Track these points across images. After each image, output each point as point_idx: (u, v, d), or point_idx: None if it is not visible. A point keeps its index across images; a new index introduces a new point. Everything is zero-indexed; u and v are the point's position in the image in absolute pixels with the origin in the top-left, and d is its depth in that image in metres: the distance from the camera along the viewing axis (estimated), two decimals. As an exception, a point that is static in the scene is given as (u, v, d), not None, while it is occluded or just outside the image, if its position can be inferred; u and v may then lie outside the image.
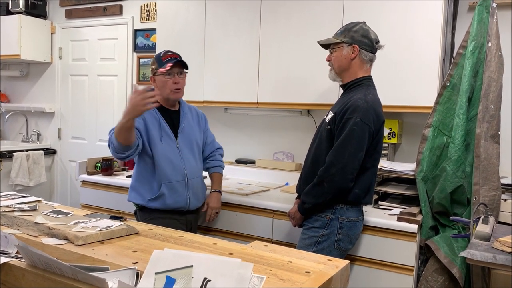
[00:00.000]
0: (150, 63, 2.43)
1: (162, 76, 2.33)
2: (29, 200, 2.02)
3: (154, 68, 2.36)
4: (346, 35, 2.11)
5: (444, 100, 2.43)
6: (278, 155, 3.41)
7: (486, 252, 1.66)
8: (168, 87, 2.33)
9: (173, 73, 2.33)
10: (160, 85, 2.35)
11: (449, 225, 2.41)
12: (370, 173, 2.12)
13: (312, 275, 1.25)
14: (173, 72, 2.33)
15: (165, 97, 2.37)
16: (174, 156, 2.36)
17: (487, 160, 2.28)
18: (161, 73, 2.32)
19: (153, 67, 2.37)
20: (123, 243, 1.51)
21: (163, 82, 2.33)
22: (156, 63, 2.35)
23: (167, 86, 2.33)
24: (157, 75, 2.35)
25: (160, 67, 2.32)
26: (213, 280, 1.09)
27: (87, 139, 4.53)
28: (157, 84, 2.36)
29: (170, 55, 2.35)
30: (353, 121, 1.99)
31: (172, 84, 2.34)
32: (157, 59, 2.36)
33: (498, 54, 2.32)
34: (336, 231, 2.08)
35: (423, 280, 2.35)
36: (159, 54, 2.38)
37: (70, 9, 4.52)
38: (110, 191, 3.15)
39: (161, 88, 2.34)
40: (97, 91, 4.42)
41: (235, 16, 3.10)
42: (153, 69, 2.37)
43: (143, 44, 4.10)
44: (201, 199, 2.53)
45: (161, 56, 2.35)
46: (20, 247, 1.25)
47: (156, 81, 2.37)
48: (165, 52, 2.38)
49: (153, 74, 2.37)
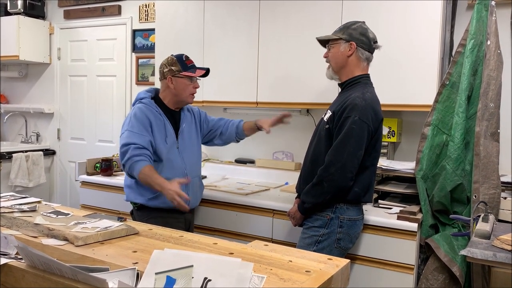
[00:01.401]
0: (167, 63, 2.38)
1: (186, 79, 2.36)
2: (29, 201, 2.01)
3: (175, 69, 2.36)
4: (344, 32, 2.12)
5: (443, 98, 2.43)
6: (277, 155, 3.40)
7: (486, 250, 1.66)
8: (188, 91, 2.39)
9: (195, 78, 2.39)
10: (179, 87, 2.37)
11: (449, 223, 2.41)
12: (370, 172, 2.12)
13: (313, 274, 1.24)
14: (195, 78, 2.40)
15: (182, 99, 2.41)
16: (175, 156, 2.37)
17: (486, 158, 2.28)
18: (185, 76, 2.35)
19: (174, 68, 2.36)
20: (123, 243, 1.51)
21: (185, 85, 2.37)
22: (179, 65, 2.36)
23: (187, 89, 2.38)
24: (177, 77, 2.36)
25: (184, 70, 2.35)
26: (213, 280, 1.09)
27: (86, 140, 4.52)
28: (175, 85, 2.37)
29: (192, 61, 2.42)
30: (351, 119, 1.99)
31: (192, 88, 2.40)
32: (180, 61, 2.37)
33: (497, 52, 2.32)
34: (336, 230, 2.08)
35: (423, 279, 2.35)
36: (180, 57, 2.39)
37: (69, 10, 4.52)
38: (109, 192, 3.15)
39: (180, 90, 2.38)
40: (96, 91, 4.42)
41: (234, 16, 3.10)
42: (172, 70, 2.36)
43: (142, 44, 4.09)
44: (199, 198, 2.56)
45: (184, 60, 2.38)
46: (20, 248, 1.25)
47: (174, 82, 2.37)
48: (186, 57, 2.41)
49: (172, 75, 2.36)
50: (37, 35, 4.54)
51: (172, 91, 2.38)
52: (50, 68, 4.71)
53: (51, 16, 4.66)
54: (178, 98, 2.40)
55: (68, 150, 4.65)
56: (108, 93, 4.33)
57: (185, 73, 2.34)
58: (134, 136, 2.25)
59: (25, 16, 4.44)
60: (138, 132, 2.26)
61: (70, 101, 4.61)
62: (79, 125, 4.55)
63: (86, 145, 4.51)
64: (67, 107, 4.63)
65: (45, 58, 4.63)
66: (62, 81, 4.65)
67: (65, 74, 4.62)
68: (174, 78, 2.36)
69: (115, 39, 4.26)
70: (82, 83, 4.51)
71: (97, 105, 4.42)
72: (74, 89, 4.58)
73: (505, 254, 1.63)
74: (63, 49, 4.62)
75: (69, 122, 4.63)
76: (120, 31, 4.22)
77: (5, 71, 4.90)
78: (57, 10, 4.61)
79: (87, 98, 4.48)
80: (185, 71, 2.35)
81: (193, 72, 2.35)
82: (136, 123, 2.29)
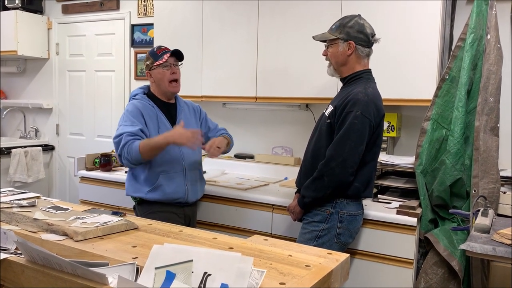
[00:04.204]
0: (144, 59, 2.45)
1: (160, 68, 2.37)
2: (28, 196, 2.01)
3: (149, 63, 2.40)
4: (341, 31, 2.10)
5: (443, 93, 2.42)
6: (277, 150, 3.40)
7: (485, 244, 1.66)
8: (166, 78, 2.38)
9: (169, 64, 2.38)
10: (157, 78, 2.40)
11: (448, 218, 2.42)
12: (370, 167, 2.11)
13: (312, 268, 1.25)
14: (170, 63, 2.38)
15: (163, 90, 2.42)
16: (172, 147, 2.35)
17: (486, 153, 2.28)
18: (157, 66, 2.37)
19: (148, 63, 2.41)
20: (123, 238, 1.51)
21: (161, 74, 2.38)
22: (151, 58, 2.40)
23: (165, 77, 2.38)
24: (153, 69, 2.39)
25: (156, 60, 2.37)
26: (213, 274, 1.09)
27: (85, 135, 4.51)
28: (154, 78, 2.41)
29: (164, 48, 2.41)
30: (353, 114, 1.99)
31: (170, 74, 2.38)
32: (151, 54, 2.41)
33: (497, 46, 2.31)
34: (336, 225, 2.08)
35: (422, 273, 2.36)
36: (152, 50, 2.43)
37: (67, 4, 4.49)
38: (109, 187, 3.15)
39: (159, 81, 2.40)
40: (95, 86, 4.40)
41: (232, 10, 3.08)
42: (148, 64, 2.41)
43: (140, 39, 4.08)
44: (199, 192, 2.55)
45: (155, 51, 2.41)
46: (19, 243, 1.24)
47: (153, 75, 2.41)
48: (158, 47, 2.43)
49: (149, 70, 2.41)
50: (35, 30, 4.52)
51: (155, 84, 2.43)
52: (49, 63, 4.69)
53: (49, 11, 4.64)
54: (162, 89, 2.42)
55: (67, 146, 4.65)
56: (107, 88, 4.32)
57: (156, 62, 2.37)
58: (125, 127, 2.29)
59: (23, 11, 4.42)
60: (130, 124, 2.30)
61: (68, 96, 4.60)
62: (78, 120, 4.54)
63: (85, 141, 4.50)
64: (66, 102, 4.62)
65: (43, 53, 4.62)
66: (61, 76, 4.63)
67: (64, 69, 4.61)
68: (151, 72, 2.41)
69: (114, 34, 4.24)
70: (80, 78, 4.50)
71: (96, 100, 4.41)
72: (72, 84, 4.57)
73: (505, 248, 1.63)
74: (61, 44, 4.60)
75: (68, 117, 4.62)
76: (118, 26, 4.20)
77: (3, 66, 4.88)
78: (55, 5, 4.59)
79: (86, 93, 4.47)
80: (156, 61, 2.37)
81: (161, 59, 2.36)
82: (128, 116, 2.33)
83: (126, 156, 2.22)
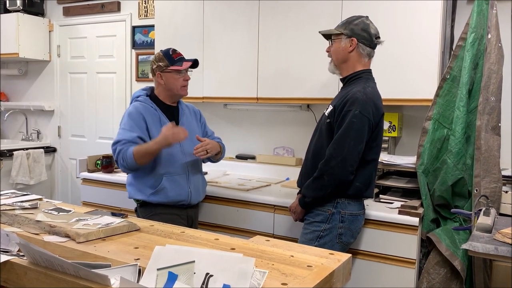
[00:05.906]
0: (155, 60, 2.41)
1: (174, 73, 2.38)
2: (30, 198, 2.01)
3: (163, 65, 2.38)
4: (346, 27, 2.11)
5: (444, 92, 2.42)
6: (278, 150, 3.40)
7: (487, 244, 1.66)
8: (179, 84, 2.40)
9: (184, 71, 2.40)
10: (169, 82, 2.40)
11: (450, 217, 2.41)
12: (371, 167, 2.11)
13: (314, 269, 1.25)
14: (184, 70, 2.40)
15: (174, 93, 2.43)
16: (175, 150, 2.36)
17: (487, 152, 2.27)
18: (173, 71, 2.37)
19: (161, 64, 2.38)
20: (125, 239, 1.51)
21: (174, 79, 2.39)
22: (166, 60, 2.38)
23: (177, 83, 2.40)
24: (166, 72, 2.38)
25: (171, 64, 2.37)
26: (215, 275, 1.09)
27: (87, 137, 4.52)
28: (165, 80, 2.40)
29: (179, 54, 2.42)
30: (352, 113, 1.99)
31: (183, 81, 2.41)
32: (166, 56, 2.38)
33: (498, 45, 2.31)
34: (338, 225, 2.08)
35: (425, 273, 2.35)
36: (167, 52, 2.40)
37: (68, 7, 4.50)
38: (110, 188, 3.15)
39: (171, 84, 2.40)
40: (96, 88, 4.41)
41: (233, 11, 3.09)
42: (160, 65, 2.38)
43: (141, 41, 4.08)
44: (201, 194, 2.55)
45: (170, 54, 2.39)
46: (22, 245, 1.25)
47: (164, 77, 2.40)
48: (173, 50, 2.42)
49: (160, 71, 2.39)
50: (36, 33, 4.53)
51: (164, 86, 2.42)
52: (50, 65, 4.70)
53: (50, 13, 4.65)
54: (171, 92, 2.43)
55: (68, 147, 4.65)
56: (108, 90, 4.33)
57: (173, 67, 2.37)
58: (124, 133, 2.31)
59: (24, 13, 4.43)
60: (129, 129, 2.31)
61: (70, 98, 4.61)
62: (80, 122, 4.55)
63: (86, 142, 4.51)
64: (67, 104, 4.63)
65: (44, 55, 4.63)
66: (62, 78, 4.64)
67: (65, 71, 4.61)
68: (163, 74, 2.39)
69: (115, 35, 4.25)
70: (82, 80, 4.50)
71: (97, 102, 4.41)
72: (74, 86, 4.57)
73: (507, 248, 1.63)
74: (62, 46, 4.61)
75: (69, 119, 4.63)
76: (119, 28, 4.21)
77: (5, 69, 4.89)
78: (56, 7, 4.60)
79: (87, 95, 4.48)
80: (172, 65, 2.37)
81: (180, 65, 2.37)
82: (128, 120, 2.34)
83: (122, 163, 2.27)
